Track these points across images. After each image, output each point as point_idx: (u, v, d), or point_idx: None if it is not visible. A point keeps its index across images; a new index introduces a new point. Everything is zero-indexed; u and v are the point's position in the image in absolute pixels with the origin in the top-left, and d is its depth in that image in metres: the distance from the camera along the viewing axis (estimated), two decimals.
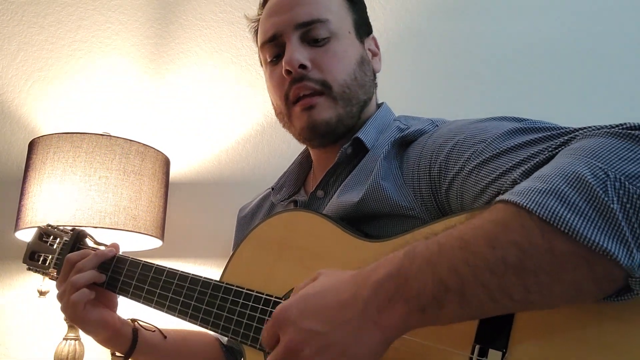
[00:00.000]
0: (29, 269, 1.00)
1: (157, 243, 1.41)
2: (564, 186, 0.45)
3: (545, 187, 0.46)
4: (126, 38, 1.70)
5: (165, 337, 0.93)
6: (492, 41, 1.69)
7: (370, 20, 0.93)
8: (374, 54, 0.90)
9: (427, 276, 0.48)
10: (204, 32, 1.72)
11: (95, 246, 0.97)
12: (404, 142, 0.77)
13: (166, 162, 1.42)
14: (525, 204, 0.45)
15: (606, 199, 0.43)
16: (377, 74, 0.93)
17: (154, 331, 0.92)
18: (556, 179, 0.46)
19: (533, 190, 0.46)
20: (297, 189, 0.96)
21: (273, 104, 0.90)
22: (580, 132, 0.55)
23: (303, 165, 0.98)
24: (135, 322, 0.90)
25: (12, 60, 1.65)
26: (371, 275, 0.52)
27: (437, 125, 0.77)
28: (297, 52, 0.80)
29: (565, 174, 0.46)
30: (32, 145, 1.33)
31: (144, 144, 1.34)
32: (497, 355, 0.53)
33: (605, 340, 0.48)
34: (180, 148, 1.65)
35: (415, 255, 0.50)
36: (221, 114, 1.68)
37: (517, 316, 0.53)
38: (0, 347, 1.48)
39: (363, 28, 0.88)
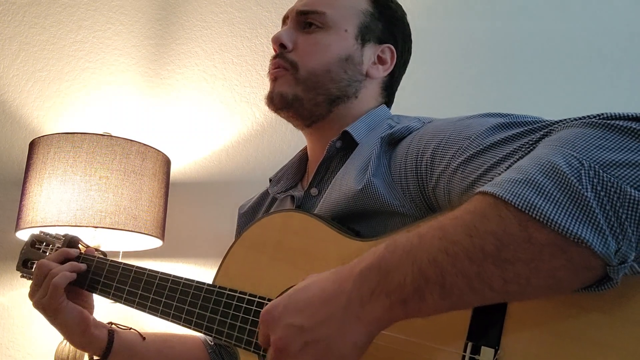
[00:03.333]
0: (22, 277, 1.00)
1: (157, 243, 1.41)
2: (538, 176, 0.46)
3: (521, 178, 0.47)
4: (127, 39, 1.71)
5: (143, 338, 0.93)
6: (491, 40, 1.69)
7: (393, 34, 0.93)
8: (382, 62, 0.91)
9: (407, 267, 0.49)
10: (205, 32, 1.73)
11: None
12: (393, 140, 0.78)
13: (167, 162, 1.43)
14: (501, 194, 0.46)
15: (580, 187, 0.44)
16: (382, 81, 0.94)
17: (130, 329, 0.92)
18: (532, 170, 0.47)
19: (509, 181, 0.47)
20: (294, 183, 0.96)
21: None
22: (559, 123, 0.56)
23: (303, 159, 0.99)
24: (112, 325, 0.90)
25: (13, 61, 1.65)
26: (353, 269, 0.53)
27: (424, 123, 0.78)
28: (283, 32, 0.88)
29: (541, 164, 0.47)
30: (32, 145, 1.33)
31: (145, 144, 1.34)
32: (489, 352, 0.53)
33: (597, 336, 0.49)
34: (180, 148, 1.65)
35: (396, 247, 0.51)
36: (222, 114, 1.68)
37: (509, 313, 0.53)
38: (1, 347, 1.48)
39: (374, 34, 0.90)
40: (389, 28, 0.92)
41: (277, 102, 0.87)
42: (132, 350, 0.91)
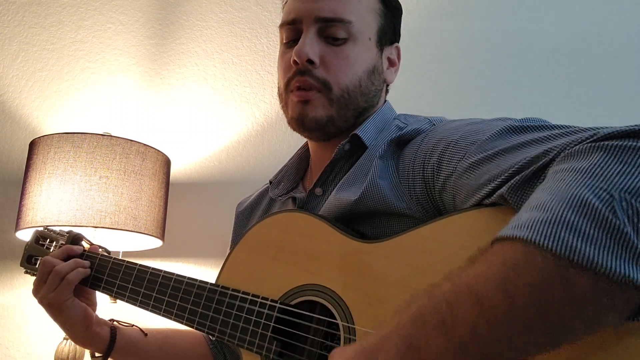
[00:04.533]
0: (26, 272, 1.00)
1: (157, 243, 1.41)
2: (569, 214, 0.42)
3: (550, 217, 0.43)
4: (127, 38, 1.71)
5: (145, 334, 0.93)
6: (491, 40, 1.69)
7: (397, 30, 0.91)
8: (392, 64, 0.89)
9: (442, 345, 0.44)
10: (205, 32, 1.73)
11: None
12: (401, 142, 0.77)
13: (167, 162, 1.43)
14: (533, 238, 0.42)
15: (617, 222, 0.41)
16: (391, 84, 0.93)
17: (132, 326, 0.92)
18: (559, 207, 0.43)
19: (538, 222, 0.43)
20: (295, 185, 0.95)
21: (278, 83, 0.90)
22: (563, 138, 0.54)
23: (302, 160, 0.98)
24: (114, 321, 0.91)
25: (13, 61, 1.65)
26: (380, 356, 0.47)
27: (434, 124, 0.77)
28: (308, 46, 0.79)
29: (567, 199, 0.43)
30: (32, 145, 1.33)
31: (145, 144, 1.34)
32: None
33: (602, 341, 0.48)
34: (180, 148, 1.65)
35: (425, 321, 0.46)
36: (222, 114, 1.68)
37: None
38: (1, 347, 1.48)
39: (388, 36, 0.87)
40: (396, 25, 0.90)
41: (311, 126, 0.82)
42: (134, 346, 0.91)
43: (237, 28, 1.73)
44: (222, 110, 1.68)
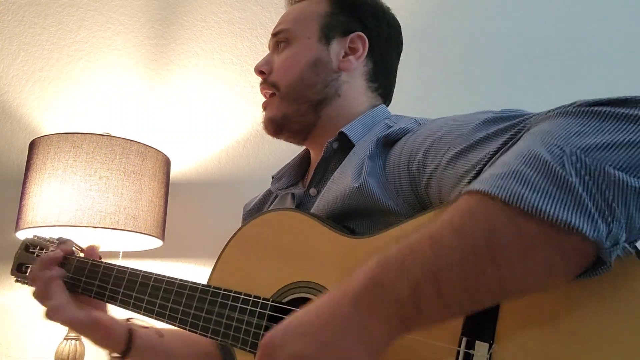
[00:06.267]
0: (17, 281, 0.99)
1: (157, 243, 1.41)
2: (522, 167, 0.46)
3: (504, 171, 0.46)
4: (127, 39, 1.71)
5: (162, 335, 0.93)
6: (491, 41, 1.69)
7: (359, 19, 0.92)
8: (353, 52, 0.91)
9: (403, 282, 0.48)
10: (205, 32, 1.73)
11: (81, 255, 0.96)
12: (388, 141, 0.78)
13: (167, 162, 1.43)
14: (486, 190, 0.46)
15: (564, 173, 0.44)
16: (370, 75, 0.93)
17: (148, 327, 0.92)
18: (514, 162, 0.47)
19: (493, 176, 0.47)
20: (295, 181, 0.98)
21: None
22: (537, 115, 0.56)
23: (304, 160, 1.00)
24: (131, 322, 0.90)
25: (13, 61, 1.65)
26: (348, 290, 0.52)
27: (420, 124, 0.79)
28: (261, 60, 0.93)
29: (523, 155, 0.47)
30: (32, 146, 1.33)
31: (145, 144, 1.34)
32: (484, 346, 0.53)
33: (591, 329, 0.49)
34: (180, 148, 1.65)
35: (388, 262, 0.50)
36: (222, 114, 1.68)
37: (503, 307, 0.53)
38: (1, 346, 1.48)
39: (336, 30, 0.90)
40: (353, 16, 0.92)
41: (270, 127, 0.92)
42: (151, 347, 0.91)
43: (237, 28, 1.73)
44: (222, 110, 1.68)
